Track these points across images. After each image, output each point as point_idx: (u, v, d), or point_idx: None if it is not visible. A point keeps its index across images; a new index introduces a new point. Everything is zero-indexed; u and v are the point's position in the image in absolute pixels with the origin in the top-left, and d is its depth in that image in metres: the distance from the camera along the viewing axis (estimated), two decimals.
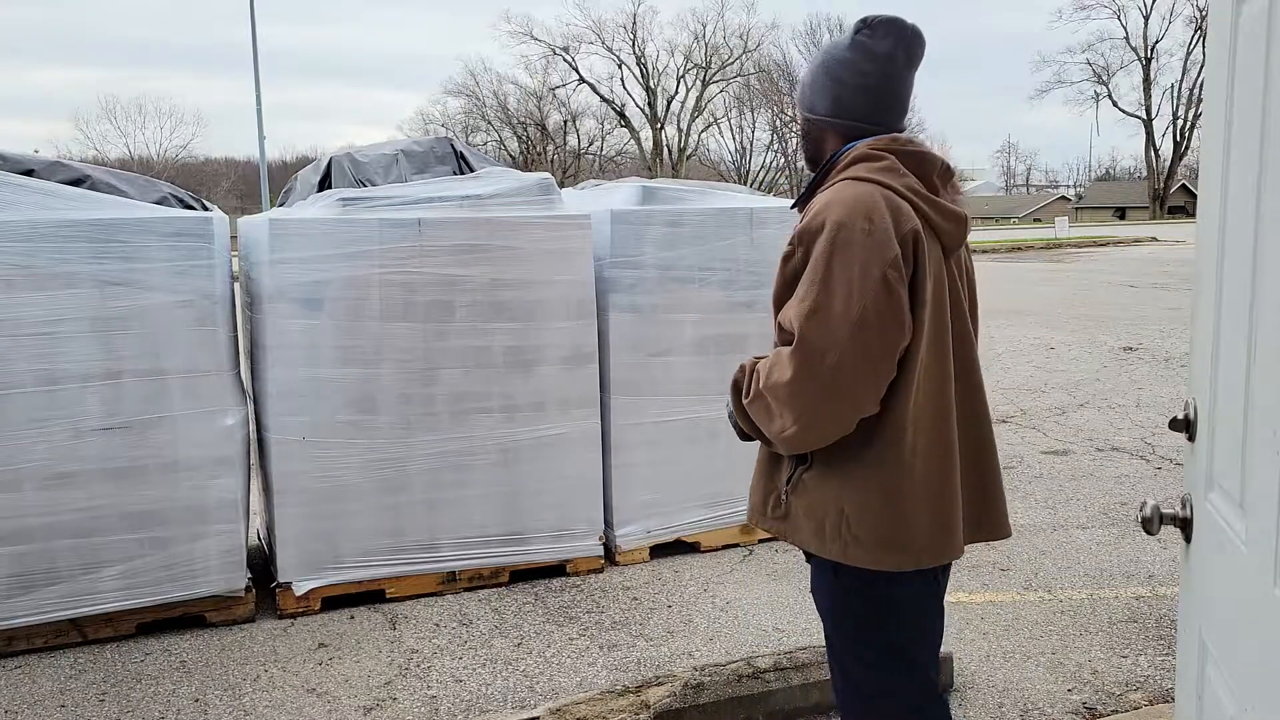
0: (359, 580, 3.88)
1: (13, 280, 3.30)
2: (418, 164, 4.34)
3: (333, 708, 3.12)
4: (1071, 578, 4.10)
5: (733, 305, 4.35)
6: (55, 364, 3.38)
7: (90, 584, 3.51)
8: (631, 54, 55.73)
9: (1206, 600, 1.54)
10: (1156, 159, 59.59)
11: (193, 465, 3.59)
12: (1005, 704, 3.07)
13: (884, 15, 1.90)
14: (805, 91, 1.98)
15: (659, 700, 2.82)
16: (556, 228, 3.99)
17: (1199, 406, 1.58)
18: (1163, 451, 6.05)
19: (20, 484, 3.39)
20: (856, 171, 1.84)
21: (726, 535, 4.50)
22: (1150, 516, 1.60)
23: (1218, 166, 1.50)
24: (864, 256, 1.73)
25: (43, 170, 3.63)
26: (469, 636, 3.63)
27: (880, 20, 1.90)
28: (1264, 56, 1.29)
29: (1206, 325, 1.53)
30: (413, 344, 3.82)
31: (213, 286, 3.56)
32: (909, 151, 1.87)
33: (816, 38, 57.90)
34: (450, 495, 3.96)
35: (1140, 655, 3.38)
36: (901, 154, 1.86)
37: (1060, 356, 9.68)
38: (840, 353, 1.72)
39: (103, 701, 3.18)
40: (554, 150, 55.65)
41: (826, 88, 1.93)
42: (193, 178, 48.63)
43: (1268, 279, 1.26)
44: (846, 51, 1.90)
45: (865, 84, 1.90)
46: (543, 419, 4.05)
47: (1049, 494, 5.25)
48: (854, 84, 1.90)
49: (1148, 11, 55.43)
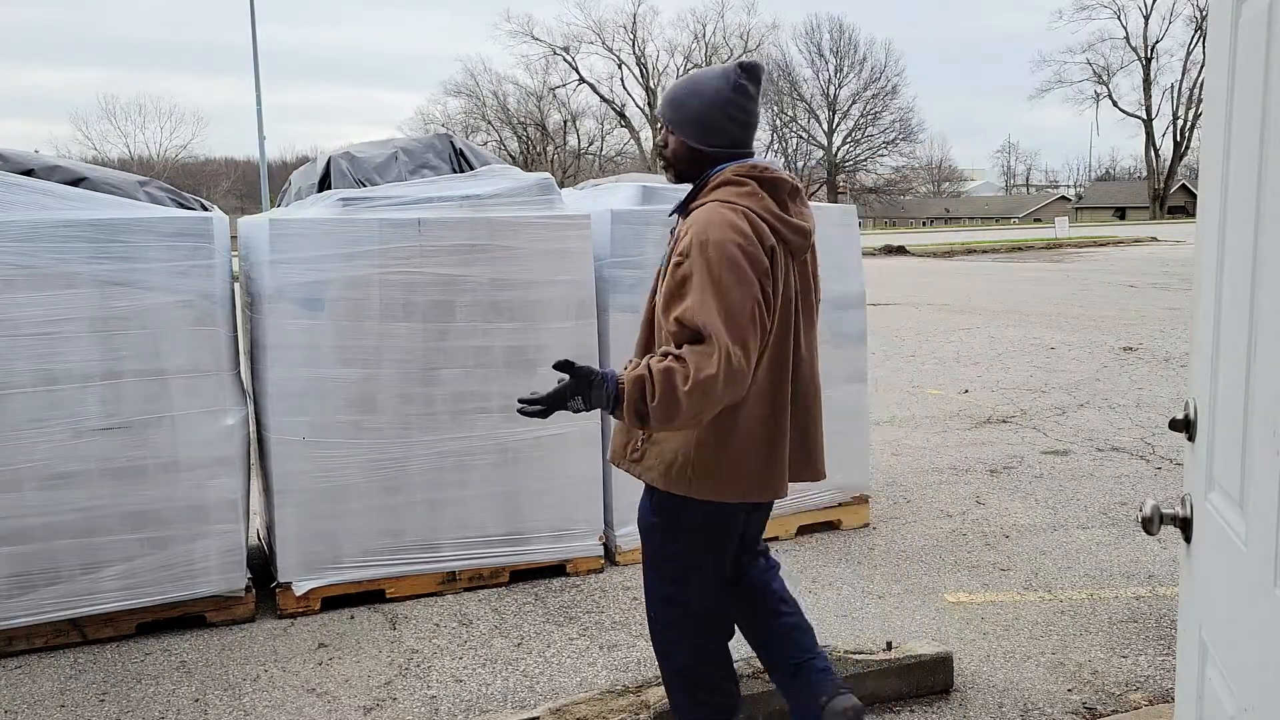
0: (359, 580, 3.88)
1: (13, 280, 3.30)
2: (417, 161, 4.33)
3: (333, 708, 3.12)
4: (1071, 578, 4.10)
5: None
6: (55, 364, 3.38)
7: (90, 584, 3.51)
8: (631, 54, 55.80)
9: (1206, 600, 1.54)
10: (1156, 159, 59.63)
11: (193, 465, 3.59)
12: (1005, 704, 3.07)
13: (753, 62, 2.43)
14: (685, 119, 2.38)
15: (659, 700, 2.82)
16: (556, 228, 3.99)
17: (1199, 406, 1.58)
18: (1163, 451, 6.05)
19: (20, 484, 3.39)
20: (725, 195, 2.30)
21: None
22: (1150, 516, 1.60)
23: (1218, 166, 1.50)
24: (747, 269, 2.20)
25: (42, 170, 3.62)
26: (469, 636, 3.63)
27: (753, 65, 2.41)
28: (1264, 56, 1.29)
29: (1206, 325, 1.53)
30: (413, 344, 3.82)
31: (213, 286, 3.56)
32: (766, 178, 2.35)
33: (816, 38, 57.96)
34: (450, 495, 3.96)
35: (1140, 655, 3.38)
36: (760, 180, 2.34)
37: (1060, 356, 9.68)
38: (742, 348, 2.17)
39: (103, 701, 3.18)
40: (554, 150, 55.68)
41: (708, 120, 2.36)
42: (193, 178, 48.66)
43: (1268, 279, 1.26)
44: (731, 93, 2.36)
45: (739, 119, 2.38)
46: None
47: (1049, 494, 5.25)
48: (731, 120, 2.37)
49: (1148, 11, 55.52)
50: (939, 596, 3.92)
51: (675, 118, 2.40)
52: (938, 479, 5.58)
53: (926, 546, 4.48)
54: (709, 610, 2.53)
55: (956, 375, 8.85)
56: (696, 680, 2.55)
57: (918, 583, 4.06)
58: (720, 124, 2.36)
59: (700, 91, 2.37)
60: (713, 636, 2.57)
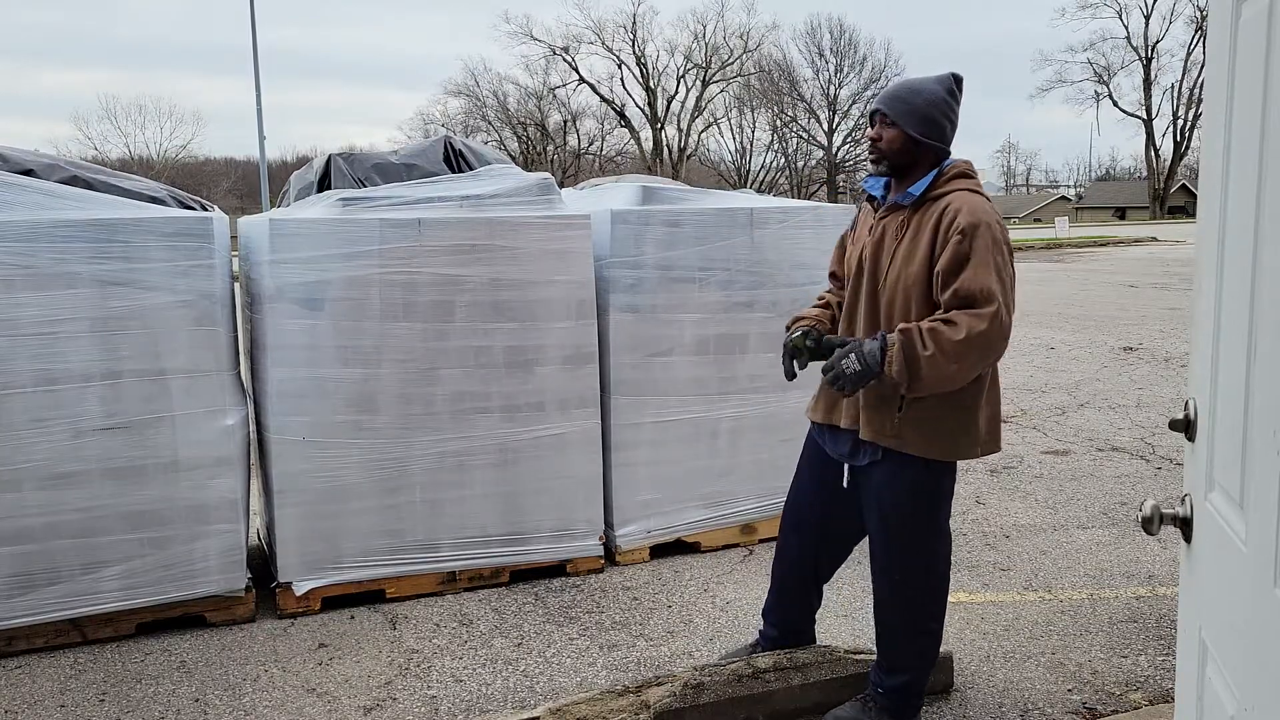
0: (359, 580, 3.88)
1: (13, 280, 3.30)
2: (417, 161, 4.33)
3: (333, 708, 3.12)
4: (1071, 578, 4.10)
5: (732, 305, 4.35)
6: (55, 364, 3.38)
7: (90, 584, 3.51)
8: (631, 54, 55.74)
9: (1206, 600, 1.54)
10: (1156, 159, 59.58)
11: (193, 465, 3.59)
12: (1005, 704, 3.07)
13: (959, 74, 2.72)
14: (908, 112, 2.65)
15: (659, 700, 2.82)
16: (556, 228, 3.99)
17: (1199, 406, 1.58)
18: (1163, 451, 6.05)
19: (20, 484, 3.39)
20: (970, 185, 2.64)
21: (727, 535, 4.50)
22: (1150, 516, 1.60)
23: (1218, 166, 1.50)
24: (1007, 250, 2.57)
25: (42, 170, 3.62)
26: (469, 636, 3.63)
27: (960, 77, 2.73)
28: (1264, 56, 1.29)
29: (1206, 325, 1.53)
30: (413, 344, 3.82)
31: (213, 286, 3.56)
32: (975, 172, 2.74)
33: (816, 38, 57.91)
34: (450, 495, 3.96)
35: (1140, 655, 3.38)
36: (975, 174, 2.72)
37: (1060, 356, 9.68)
38: (1008, 312, 2.50)
39: (103, 701, 3.18)
40: (554, 150, 55.66)
41: (935, 121, 2.67)
42: (193, 178, 48.61)
43: (1267, 279, 1.26)
44: (945, 95, 2.68)
45: (950, 119, 2.70)
46: (543, 419, 4.05)
47: (1049, 494, 5.25)
48: (946, 118, 2.69)
49: (1148, 11, 55.47)
50: None
51: (900, 109, 2.65)
52: None
53: None
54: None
55: None
56: (940, 638, 2.86)
57: None
58: (938, 120, 2.67)
59: (920, 90, 2.67)
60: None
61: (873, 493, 2.74)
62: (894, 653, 2.81)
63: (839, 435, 2.80)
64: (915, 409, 2.61)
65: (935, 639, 2.83)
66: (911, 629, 2.78)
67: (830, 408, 2.82)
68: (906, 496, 2.69)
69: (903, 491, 2.68)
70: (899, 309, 2.62)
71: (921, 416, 2.61)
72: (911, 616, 2.78)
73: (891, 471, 2.68)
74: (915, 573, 2.74)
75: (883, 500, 2.72)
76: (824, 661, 3.01)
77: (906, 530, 2.71)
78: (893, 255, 2.65)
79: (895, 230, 2.67)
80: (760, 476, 4.50)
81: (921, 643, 2.80)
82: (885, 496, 2.71)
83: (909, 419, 2.62)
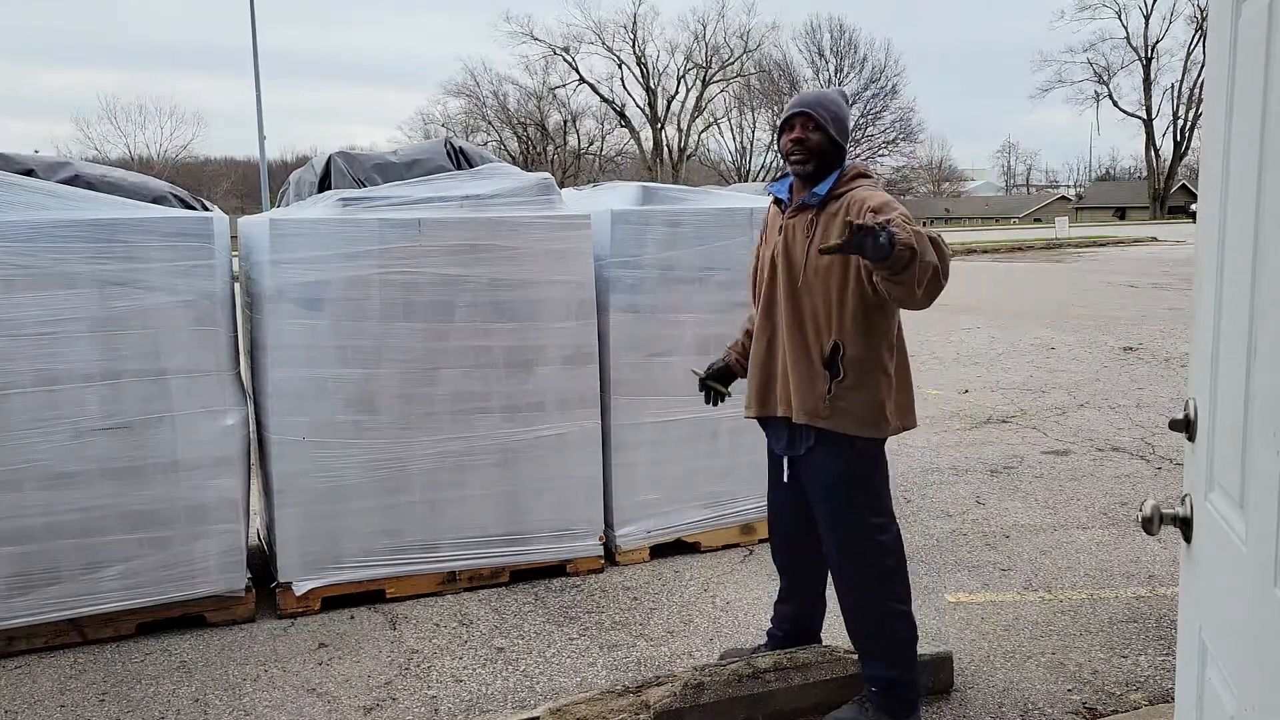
0: (359, 580, 3.88)
1: (13, 280, 3.30)
2: (416, 161, 4.33)
3: (333, 708, 3.12)
4: (1071, 578, 4.10)
5: (733, 305, 4.35)
6: (55, 364, 3.38)
7: (90, 584, 3.51)
8: (632, 54, 55.77)
9: (1206, 600, 1.54)
10: (1156, 159, 59.59)
11: (193, 465, 3.59)
12: (1005, 704, 3.07)
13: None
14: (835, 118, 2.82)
15: (659, 700, 2.82)
16: (556, 228, 3.99)
17: (1199, 406, 1.58)
18: (1163, 451, 6.05)
19: (20, 484, 3.39)
20: (868, 183, 2.80)
21: (726, 535, 4.50)
22: (1150, 516, 1.60)
23: (1218, 166, 1.50)
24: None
25: (43, 170, 3.62)
26: (469, 636, 3.63)
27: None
28: (1264, 56, 1.29)
29: (1206, 325, 1.53)
30: (413, 344, 3.82)
31: (213, 286, 3.56)
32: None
33: (817, 38, 57.93)
34: (450, 495, 3.96)
35: (1140, 655, 3.38)
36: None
37: (1060, 356, 9.68)
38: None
39: (103, 701, 3.18)
40: (554, 150, 55.67)
41: (846, 126, 2.88)
42: (193, 178, 48.60)
43: (1267, 279, 1.26)
44: (848, 108, 2.95)
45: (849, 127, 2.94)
46: (543, 419, 4.05)
47: (1049, 494, 5.25)
48: (851, 126, 2.99)
49: (1148, 11, 55.49)
50: (939, 596, 3.92)
51: (824, 114, 2.80)
52: (938, 479, 5.58)
53: (926, 546, 4.48)
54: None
55: (956, 375, 8.85)
56: (910, 621, 2.87)
57: (918, 583, 4.04)
58: (847, 126, 2.90)
59: (835, 99, 2.88)
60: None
61: (812, 478, 2.84)
62: (862, 637, 2.86)
63: (778, 428, 2.91)
64: (839, 391, 2.72)
65: (904, 621, 2.85)
66: (873, 609, 2.82)
67: (764, 400, 2.92)
68: (843, 477, 2.79)
69: (839, 472, 2.78)
70: (820, 300, 2.71)
71: (846, 396, 2.72)
72: (868, 595, 2.82)
73: (825, 454, 2.79)
74: (864, 551, 2.81)
75: (823, 483, 2.81)
76: (824, 661, 3.01)
77: (848, 510, 2.79)
78: (806, 251, 2.75)
79: (805, 228, 2.77)
80: (760, 477, 4.44)
81: (889, 625, 2.82)
82: (823, 479, 2.81)
83: (836, 400, 2.72)
